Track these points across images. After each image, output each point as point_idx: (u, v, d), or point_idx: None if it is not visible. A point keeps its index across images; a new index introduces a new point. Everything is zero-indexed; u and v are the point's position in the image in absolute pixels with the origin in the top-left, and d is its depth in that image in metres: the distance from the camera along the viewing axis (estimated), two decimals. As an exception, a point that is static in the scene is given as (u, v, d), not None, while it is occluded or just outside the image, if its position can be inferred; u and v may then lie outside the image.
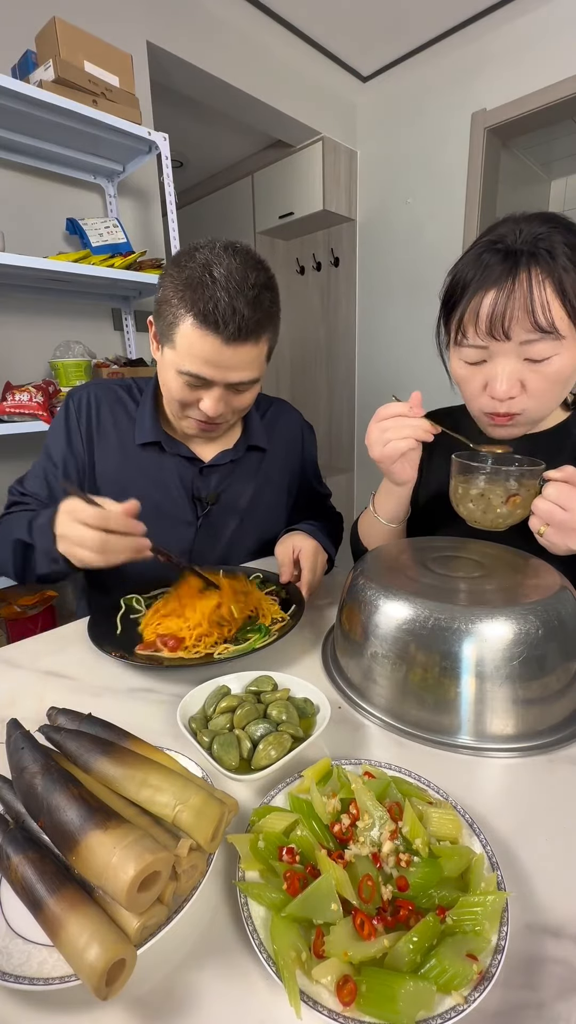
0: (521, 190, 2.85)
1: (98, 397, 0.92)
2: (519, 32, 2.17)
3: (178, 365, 0.75)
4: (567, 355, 0.64)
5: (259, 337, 0.76)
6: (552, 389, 0.67)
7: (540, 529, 0.61)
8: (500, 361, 0.66)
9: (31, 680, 0.64)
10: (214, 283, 0.70)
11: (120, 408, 0.92)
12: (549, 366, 0.65)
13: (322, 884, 0.33)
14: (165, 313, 0.75)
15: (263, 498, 1.00)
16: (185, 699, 0.53)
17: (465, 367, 0.71)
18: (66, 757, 0.40)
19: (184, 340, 0.73)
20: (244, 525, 0.98)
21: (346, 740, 0.53)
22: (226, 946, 0.34)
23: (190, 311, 0.71)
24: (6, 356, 1.74)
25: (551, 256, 0.61)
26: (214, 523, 0.95)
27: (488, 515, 0.66)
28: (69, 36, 1.49)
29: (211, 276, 0.70)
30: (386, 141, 2.73)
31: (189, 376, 0.75)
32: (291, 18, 2.20)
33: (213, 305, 0.69)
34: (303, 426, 1.09)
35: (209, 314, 0.70)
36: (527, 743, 0.51)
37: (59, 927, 0.29)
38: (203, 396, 0.79)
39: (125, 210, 1.98)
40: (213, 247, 0.73)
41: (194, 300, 0.70)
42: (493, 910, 0.32)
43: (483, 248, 0.66)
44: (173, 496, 0.92)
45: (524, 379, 0.66)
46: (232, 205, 3.21)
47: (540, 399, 0.68)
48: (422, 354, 2.74)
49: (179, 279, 0.72)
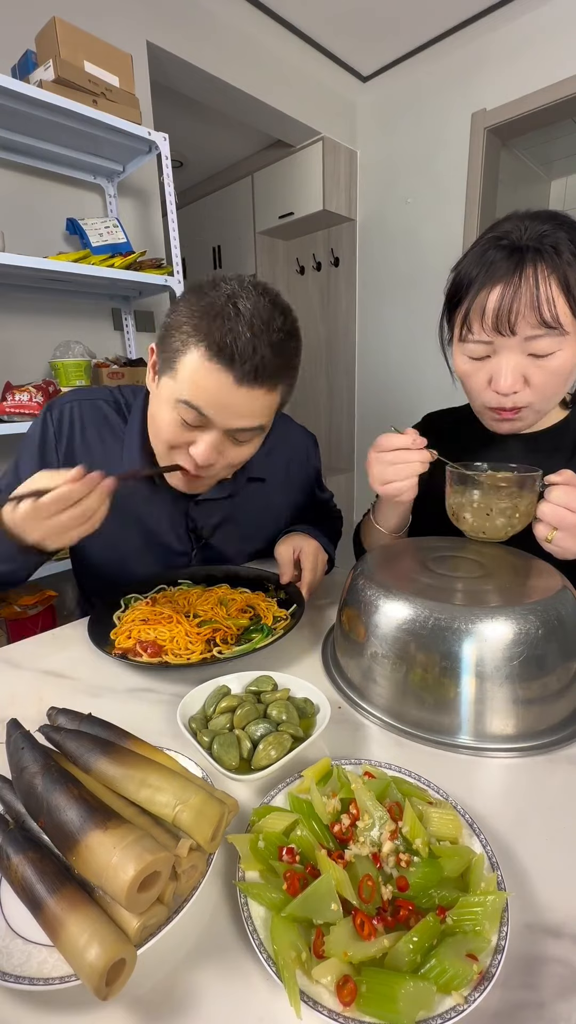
0: (521, 190, 2.85)
1: (82, 415, 0.82)
2: (519, 32, 2.17)
3: (176, 394, 0.66)
4: (570, 350, 0.65)
5: (274, 385, 0.68)
6: (554, 384, 0.67)
7: (548, 536, 0.60)
8: (504, 356, 0.66)
9: (31, 680, 0.64)
10: (237, 316, 0.62)
11: (107, 428, 0.83)
12: (552, 361, 0.65)
13: (322, 884, 0.33)
14: (173, 340, 0.66)
15: (263, 522, 0.96)
16: (185, 699, 0.53)
17: (469, 363, 0.71)
18: (66, 757, 0.40)
19: (189, 371, 0.64)
20: (243, 550, 0.97)
21: (346, 740, 0.53)
22: (226, 946, 0.34)
23: (203, 340, 0.63)
24: (6, 356, 1.74)
25: (556, 252, 0.62)
26: (210, 553, 0.93)
27: (487, 525, 0.65)
28: (69, 36, 1.49)
29: (235, 308, 0.63)
30: (386, 141, 2.73)
31: (187, 409, 0.66)
32: (291, 18, 2.20)
33: (232, 338, 0.62)
34: (307, 443, 1.02)
35: (226, 347, 0.62)
36: (527, 743, 0.51)
37: (59, 927, 0.29)
38: (196, 439, 0.69)
39: (125, 210, 1.98)
40: (242, 281, 0.66)
41: (210, 330, 0.62)
42: (493, 910, 0.32)
43: (488, 245, 0.66)
44: (166, 528, 0.87)
45: (527, 373, 0.67)
46: (232, 205, 3.21)
47: (542, 393, 0.68)
48: (422, 354, 2.74)
49: (197, 306, 0.64)
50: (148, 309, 2.10)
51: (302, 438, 1.02)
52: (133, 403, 0.85)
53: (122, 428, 0.83)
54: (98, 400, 0.85)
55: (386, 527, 0.82)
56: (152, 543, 0.87)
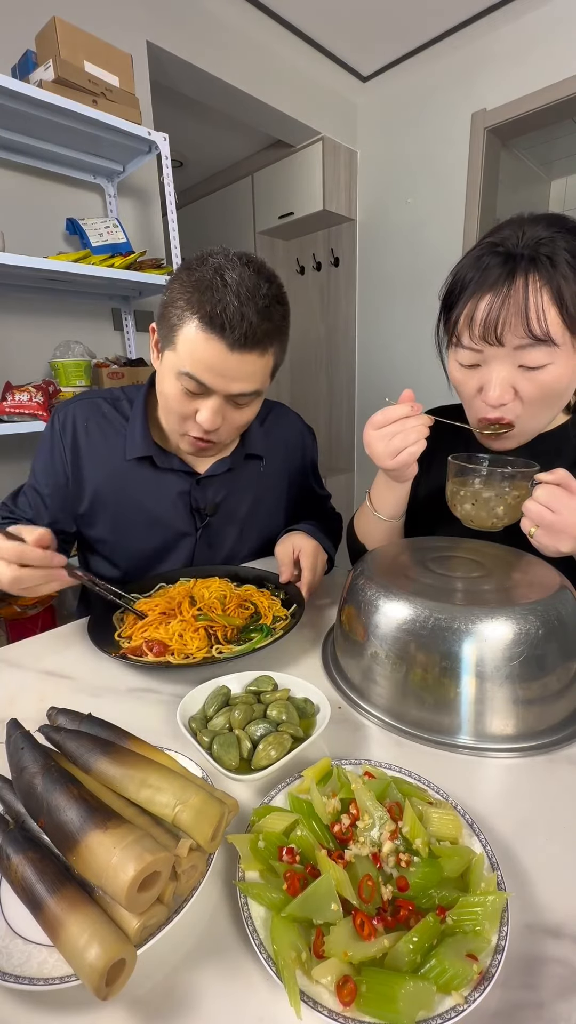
0: (521, 190, 2.86)
1: (83, 414, 0.88)
2: (519, 32, 2.17)
3: (178, 366, 0.73)
4: (563, 364, 0.63)
5: (265, 348, 0.74)
6: (545, 399, 0.66)
7: (531, 530, 0.61)
8: (494, 366, 0.66)
9: (31, 680, 0.64)
10: (224, 287, 0.68)
11: (107, 423, 0.89)
12: (543, 374, 0.64)
13: (322, 884, 0.33)
14: (170, 316, 0.72)
15: (263, 505, 0.99)
16: (185, 699, 0.53)
17: (461, 370, 0.70)
18: (66, 757, 0.40)
19: (187, 343, 0.71)
20: (244, 533, 0.98)
21: (346, 740, 0.53)
22: (226, 946, 0.34)
23: (196, 313, 0.69)
24: (6, 356, 1.74)
25: (552, 263, 0.60)
26: (214, 533, 0.95)
27: (483, 515, 0.67)
28: (69, 36, 1.49)
29: (222, 280, 0.68)
30: (386, 141, 2.73)
31: (188, 379, 0.73)
32: (291, 18, 2.20)
33: (221, 308, 0.67)
34: (303, 430, 1.07)
35: (216, 317, 0.67)
36: (527, 743, 0.51)
37: (59, 927, 0.29)
38: (200, 407, 0.76)
39: (125, 210, 1.98)
40: (227, 254, 0.71)
41: (201, 302, 0.68)
42: (493, 910, 0.32)
43: (484, 249, 0.65)
44: (170, 508, 0.91)
45: (517, 386, 0.66)
46: (232, 205, 3.21)
47: (533, 407, 0.67)
48: (422, 354, 2.73)
49: (188, 282, 0.70)
50: (148, 309, 2.10)
51: (299, 426, 1.07)
52: (135, 399, 0.90)
53: (122, 424, 0.89)
54: (97, 399, 0.91)
55: (385, 513, 0.81)
56: (158, 526, 0.91)
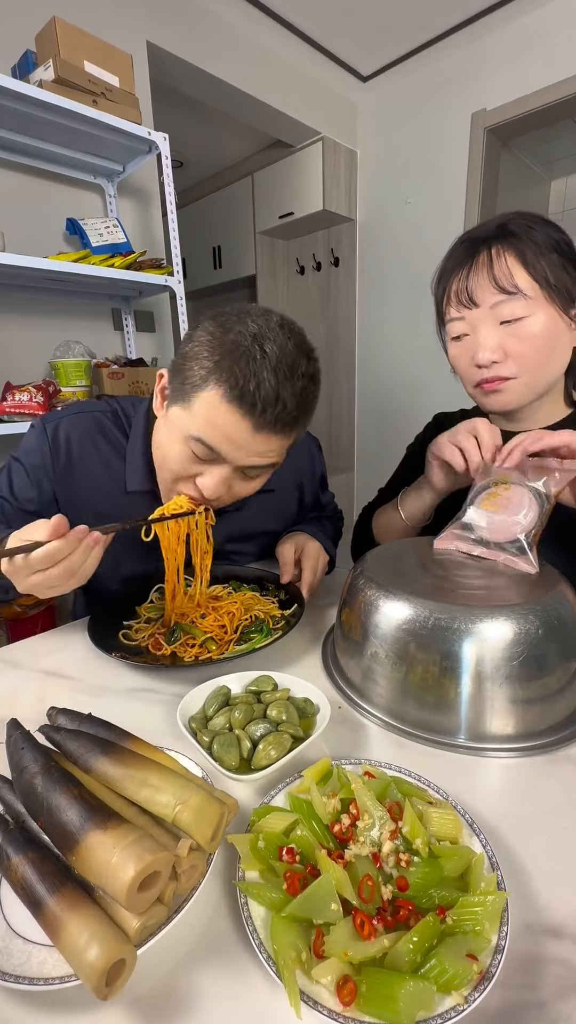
0: (521, 190, 2.85)
1: (80, 431, 0.78)
2: (519, 32, 2.17)
3: (189, 429, 0.64)
4: (542, 314, 0.67)
5: (293, 429, 0.67)
6: (535, 353, 0.69)
7: None
8: (480, 330, 0.70)
9: (31, 680, 0.64)
10: (263, 359, 0.60)
11: (105, 442, 0.80)
12: (525, 327, 0.68)
13: (322, 884, 0.33)
14: (191, 372, 0.63)
15: (269, 531, 0.96)
16: (185, 699, 0.53)
17: (454, 345, 0.75)
18: (66, 757, 0.40)
19: (207, 409, 0.62)
20: (247, 557, 0.97)
21: (346, 740, 0.53)
22: (226, 946, 0.34)
23: (225, 381, 0.60)
24: (6, 356, 1.73)
25: (514, 235, 0.67)
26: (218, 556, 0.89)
27: None
28: (69, 36, 1.49)
29: (261, 350, 0.60)
30: (386, 141, 2.72)
31: (199, 445, 0.64)
32: (291, 18, 2.19)
33: (256, 384, 0.60)
34: (310, 445, 1.00)
35: (248, 394, 0.60)
36: (527, 743, 0.51)
37: (59, 927, 0.29)
38: (205, 472, 0.68)
39: (125, 210, 1.98)
40: (268, 319, 0.63)
41: (233, 371, 0.60)
42: (493, 910, 0.32)
43: (457, 244, 0.74)
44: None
45: (505, 345, 0.69)
46: (232, 205, 3.21)
47: (525, 363, 0.70)
48: (422, 353, 2.74)
49: (222, 340, 0.61)
50: (148, 309, 2.10)
51: (307, 443, 1.00)
52: (133, 417, 0.82)
53: (123, 444, 0.80)
54: (96, 413, 0.81)
55: (407, 512, 0.83)
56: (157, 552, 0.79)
